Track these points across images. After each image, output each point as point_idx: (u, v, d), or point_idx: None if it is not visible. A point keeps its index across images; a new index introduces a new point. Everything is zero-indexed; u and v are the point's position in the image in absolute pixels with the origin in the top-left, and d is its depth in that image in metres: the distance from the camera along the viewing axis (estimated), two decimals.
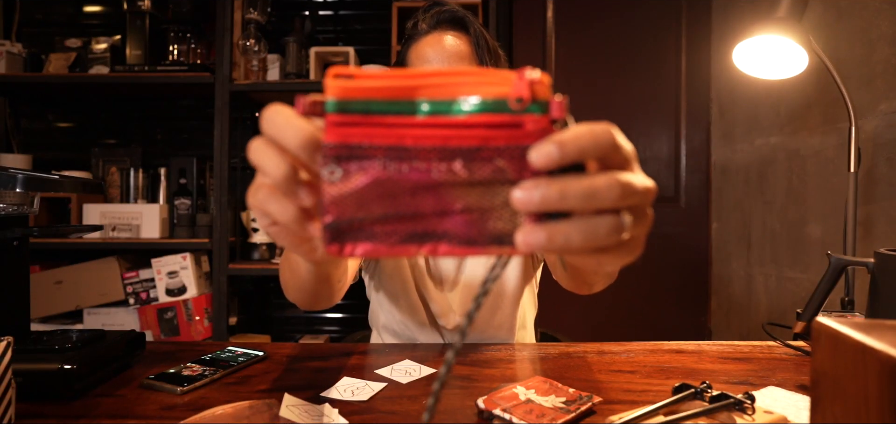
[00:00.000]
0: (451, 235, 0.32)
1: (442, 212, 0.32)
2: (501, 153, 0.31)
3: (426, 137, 0.31)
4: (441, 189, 0.31)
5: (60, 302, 1.98)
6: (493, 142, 0.31)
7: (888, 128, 1.39)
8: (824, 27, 1.59)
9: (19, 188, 0.66)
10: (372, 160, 0.31)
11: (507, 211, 0.31)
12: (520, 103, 0.30)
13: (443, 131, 0.31)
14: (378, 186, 0.31)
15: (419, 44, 0.93)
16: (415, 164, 0.31)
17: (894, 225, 1.38)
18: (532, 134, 0.30)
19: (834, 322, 0.37)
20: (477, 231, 0.32)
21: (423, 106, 0.31)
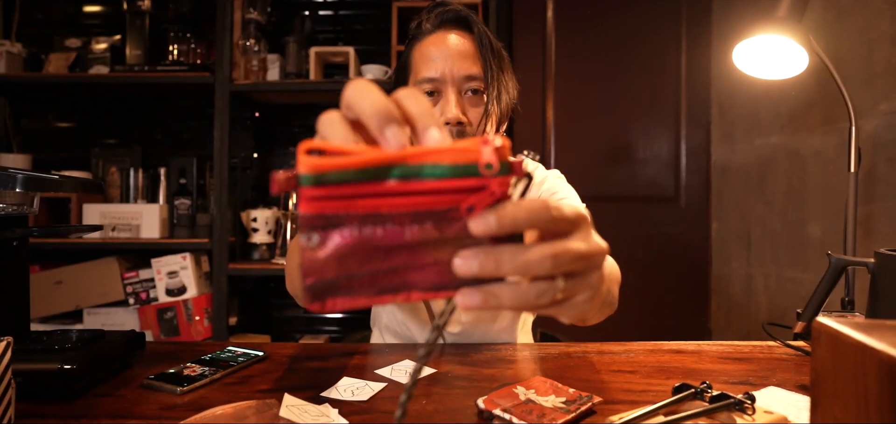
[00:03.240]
0: (423, 284, 0.35)
1: (414, 265, 0.34)
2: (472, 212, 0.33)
3: (399, 205, 0.33)
4: (413, 247, 0.34)
5: (60, 302, 1.98)
6: (465, 203, 0.33)
7: (888, 128, 1.39)
8: (824, 27, 1.59)
9: (19, 188, 0.66)
10: (348, 227, 0.33)
11: None
12: (489, 169, 0.33)
13: (415, 198, 0.33)
14: (354, 248, 0.33)
15: (423, 43, 0.93)
16: (388, 228, 0.33)
17: (894, 225, 1.38)
18: (497, 193, 0.33)
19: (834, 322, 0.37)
20: (447, 278, 0.34)
21: (395, 171, 0.33)
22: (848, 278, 1.18)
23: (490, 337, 1.02)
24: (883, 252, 0.73)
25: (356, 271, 0.34)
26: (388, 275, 0.34)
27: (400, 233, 0.34)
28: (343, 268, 0.34)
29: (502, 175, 0.33)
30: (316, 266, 0.33)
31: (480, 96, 0.91)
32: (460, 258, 0.33)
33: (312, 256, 0.33)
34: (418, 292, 0.35)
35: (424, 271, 0.34)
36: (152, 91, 2.19)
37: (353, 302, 0.34)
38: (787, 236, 1.79)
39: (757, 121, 1.97)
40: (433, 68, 0.89)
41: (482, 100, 0.91)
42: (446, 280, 0.34)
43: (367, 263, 0.34)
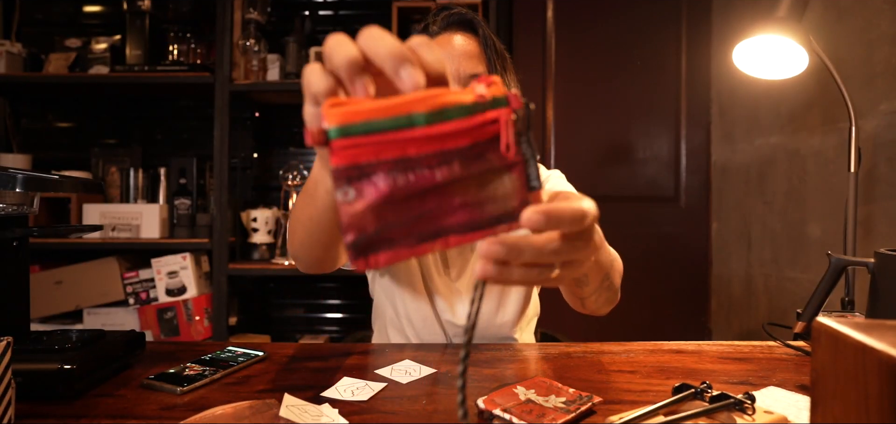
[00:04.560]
0: (458, 226, 0.36)
1: (445, 208, 0.35)
2: (487, 146, 0.36)
3: (426, 146, 0.34)
4: (443, 188, 0.35)
5: (60, 302, 1.98)
6: (481, 138, 0.36)
7: (888, 128, 1.39)
8: (824, 27, 1.59)
9: (19, 188, 0.66)
10: (381, 175, 0.34)
11: (500, 195, 0.37)
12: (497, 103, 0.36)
13: (440, 138, 0.35)
14: (390, 197, 0.34)
15: None
16: (419, 172, 0.34)
17: (894, 225, 1.38)
18: (508, 122, 0.36)
19: (834, 322, 0.37)
20: (478, 216, 0.36)
21: (418, 118, 0.34)
22: (848, 278, 1.18)
23: (492, 330, 1.04)
24: (883, 252, 0.73)
25: (394, 220, 0.34)
26: (423, 222, 0.35)
27: (431, 176, 0.34)
28: (382, 219, 0.34)
29: (503, 106, 0.36)
30: (356, 220, 0.34)
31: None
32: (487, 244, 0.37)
33: (351, 210, 0.34)
34: (455, 236, 0.36)
35: (456, 213, 0.36)
36: (152, 91, 2.19)
37: (396, 255, 0.35)
38: (787, 236, 1.79)
39: (757, 121, 1.97)
40: None
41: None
42: (477, 219, 0.36)
43: (403, 211, 0.34)
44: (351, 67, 0.35)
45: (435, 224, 0.35)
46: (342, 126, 0.33)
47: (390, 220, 0.34)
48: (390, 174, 0.34)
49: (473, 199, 0.36)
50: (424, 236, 0.35)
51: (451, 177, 0.35)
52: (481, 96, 0.35)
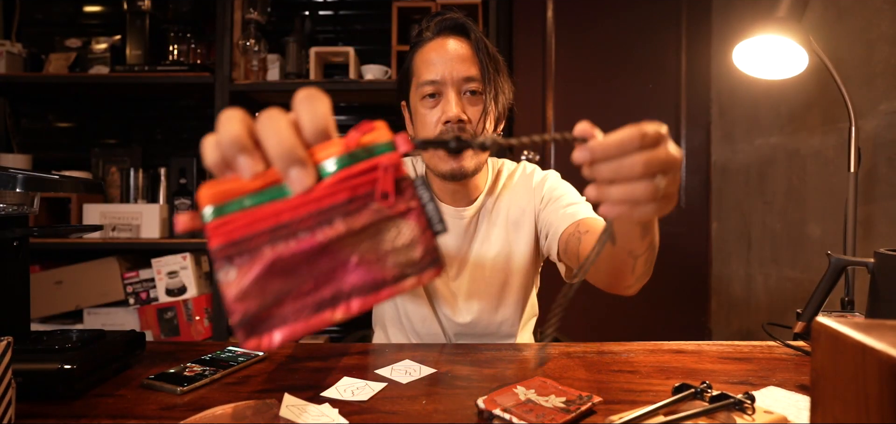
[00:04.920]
0: (358, 288, 0.34)
1: (340, 270, 0.33)
2: (372, 196, 0.34)
3: (301, 207, 0.33)
4: (331, 249, 0.33)
5: (60, 302, 1.98)
6: (361, 190, 0.34)
7: (888, 128, 1.39)
8: (824, 27, 1.59)
9: (19, 188, 0.66)
10: (259, 248, 0.32)
11: (400, 246, 0.34)
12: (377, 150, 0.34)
13: (314, 198, 0.33)
14: (272, 268, 0.32)
15: (424, 49, 0.98)
16: (299, 236, 0.33)
17: (894, 225, 1.38)
18: (388, 168, 0.34)
19: (834, 322, 0.37)
20: (380, 274, 0.34)
21: (282, 191, 0.33)
22: (848, 278, 1.18)
23: (492, 329, 1.04)
24: (883, 252, 0.73)
25: (282, 293, 0.33)
26: (316, 290, 0.33)
27: (312, 239, 0.33)
28: (267, 293, 0.32)
29: (387, 151, 0.34)
30: (239, 299, 0.32)
31: (479, 97, 0.97)
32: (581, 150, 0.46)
33: (233, 290, 0.32)
34: (357, 298, 0.34)
35: (353, 273, 0.34)
36: (152, 91, 2.19)
37: (291, 330, 0.33)
38: (787, 236, 1.79)
39: (757, 121, 1.97)
40: (434, 72, 0.95)
41: (480, 100, 0.97)
42: (379, 275, 0.34)
43: (289, 281, 0.33)
44: (233, 146, 0.33)
45: (330, 289, 0.33)
46: (216, 206, 0.32)
47: (277, 293, 0.33)
48: (268, 245, 0.32)
49: (371, 256, 0.34)
50: (321, 304, 0.33)
51: (336, 235, 0.33)
52: (355, 144, 0.34)
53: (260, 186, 0.33)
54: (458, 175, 0.96)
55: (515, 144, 0.42)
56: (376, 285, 0.34)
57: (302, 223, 0.33)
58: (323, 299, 0.33)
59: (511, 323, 1.06)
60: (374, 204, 0.34)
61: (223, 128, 0.34)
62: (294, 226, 0.33)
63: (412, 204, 0.35)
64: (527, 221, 1.04)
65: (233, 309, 0.32)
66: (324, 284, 0.33)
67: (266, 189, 0.33)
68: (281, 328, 0.33)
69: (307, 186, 0.33)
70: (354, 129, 0.34)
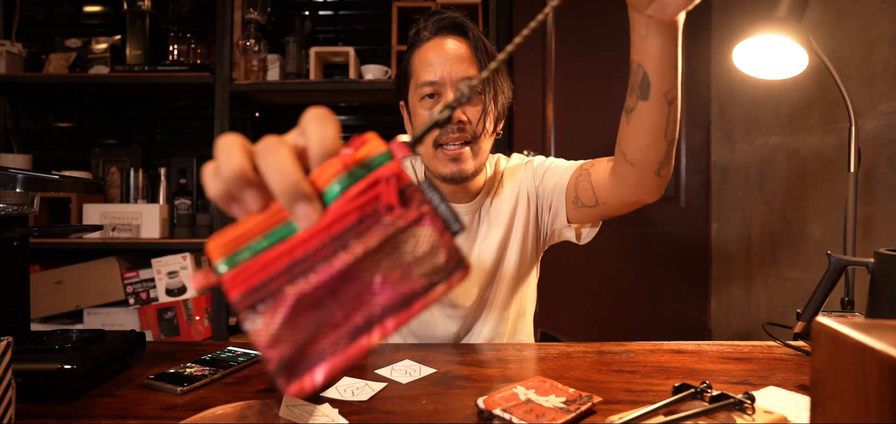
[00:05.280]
0: (389, 307, 0.32)
1: (366, 293, 0.32)
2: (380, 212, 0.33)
3: (313, 239, 0.32)
4: (353, 274, 0.32)
5: (60, 302, 1.98)
6: (369, 208, 0.33)
7: (888, 128, 1.39)
8: (824, 27, 1.59)
9: (19, 188, 0.66)
10: (279, 289, 0.32)
11: (422, 255, 0.33)
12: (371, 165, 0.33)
13: (323, 226, 0.32)
14: (298, 307, 0.32)
15: (422, 49, 0.98)
16: (317, 269, 0.32)
17: (894, 225, 1.38)
18: (389, 179, 0.33)
19: (834, 322, 0.37)
20: (408, 288, 0.32)
21: (289, 227, 0.32)
22: (848, 278, 1.18)
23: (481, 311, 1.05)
24: (883, 252, 0.73)
25: (313, 329, 0.32)
26: (349, 318, 0.32)
27: (331, 268, 0.32)
28: (298, 333, 0.31)
29: (384, 162, 0.33)
30: (272, 345, 0.31)
31: (478, 97, 0.96)
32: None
33: (263, 338, 0.31)
34: (391, 318, 0.32)
35: (380, 294, 0.32)
36: (152, 91, 2.19)
37: (331, 365, 0.31)
38: (787, 236, 1.79)
39: (757, 121, 1.97)
40: (433, 72, 0.95)
41: (480, 100, 0.96)
42: (407, 289, 0.32)
43: (318, 316, 0.32)
44: (237, 181, 0.33)
45: (361, 314, 0.32)
46: (227, 257, 0.32)
47: (309, 331, 0.32)
48: (288, 284, 0.32)
49: (395, 272, 0.33)
50: (356, 332, 0.32)
51: (354, 259, 0.32)
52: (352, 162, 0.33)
53: (268, 226, 0.32)
54: (458, 178, 0.96)
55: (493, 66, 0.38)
56: (407, 300, 0.32)
57: (317, 254, 0.32)
58: (356, 326, 0.32)
59: (512, 320, 1.05)
60: (384, 219, 0.33)
61: (224, 160, 0.33)
62: (310, 260, 0.32)
63: (423, 209, 0.33)
64: (521, 206, 1.05)
65: (267, 356, 0.31)
66: (354, 311, 0.32)
67: (275, 228, 0.32)
68: (320, 365, 0.31)
69: (314, 221, 0.32)
70: (346, 146, 0.33)
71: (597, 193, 0.92)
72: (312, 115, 0.34)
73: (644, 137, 0.78)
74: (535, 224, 1.05)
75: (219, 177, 0.33)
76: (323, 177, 0.33)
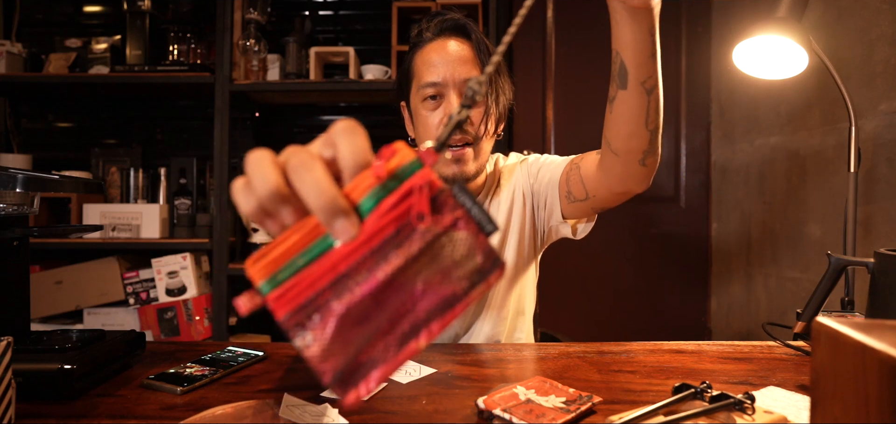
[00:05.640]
0: (433, 310, 0.33)
1: (410, 300, 0.33)
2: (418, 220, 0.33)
3: (354, 253, 0.33)
4: (395, 284, 0.33)
5: (60, 302, 1.98)
6: (405, 218, 0.33)
7: (888, 128, 1.39)
8: (824, 27, 1.59)
9: (19, 188, 0.66)
10: (326, 304, 0.32)
11: (459, 258, 0.33)
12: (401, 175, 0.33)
13: (363, 240, 0.33)
14: (345, 320, 0.32)
15: (424, 50, 0.98)
16: (361, 281, 0.33)
17: (894, 225, 1.38)
18: (423, 187, 0.33)
19: (834, 322, 0.37)
20: (449, 292, 0.33)
21: (326, 240, 0.33)
22: (848, 278, 1.18)
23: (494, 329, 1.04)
24: (883, 252, 0.73)
25: (362, 340, 0.33)
26: (396, 325, 0.33)
27: (374, 280, 0.33)
28: (349, 344, 0.32)
29: (416, 170, 0.33)
30: (325, 359, 0.32)
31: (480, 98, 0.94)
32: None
33: (315, 353, 0.32)
34: (436, 322, 0.33)
35: (423, 300, 0.33)
36: (152, 91, 2.19)
37: (383, 371, 0.32)
38: (787, 236, 1.79)
39: (757, 121, 1.97)
40: (435, 73, 0.95)
41: (482, 101, 0.96)
42: (448, 293, 0.33)
43: (367, 326, 0.33)
44: (273, 198, 0.33)
45: (407, 321, 0.33)
46: (269, 278, 0.32)
47: (359, 341, 0.32)
48: (334, 300, 0.32)
49: (436, 277, 0.33)
50: (403, 338, 0.33)
51: (395, 269, 0.33)
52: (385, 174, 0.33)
53: (306, 243, 0.33)
54: (459, 179, 0.96)
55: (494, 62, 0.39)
56: (449, 303, 0.33)
57: (359, 268, 0.33)
58: (403, 333, 0.33)
59: (510, 318, 1.05)
60: (422, 224, 0.33)
61: (257, 176, 0.33)
62: (353, 274, 0.33)
63: (457, 213, 0.34)
64: (517, 204, 1.05)
65: (322, 370, 0.32)
66: (399, 319, 0.33)
67: (312, 244, 0.33)
68: (373, 372, 0.32)
69: (353, 235, 0.33)
70: (377, 158, 0.33)
71: (586, 186, 0.93)
72: (343, 128, 0.34)
73: (625, 126, 0.78)
74: (531, 222, 1.05)
75: (252, 193, 0.33)
76: (357, 190, 0.33)
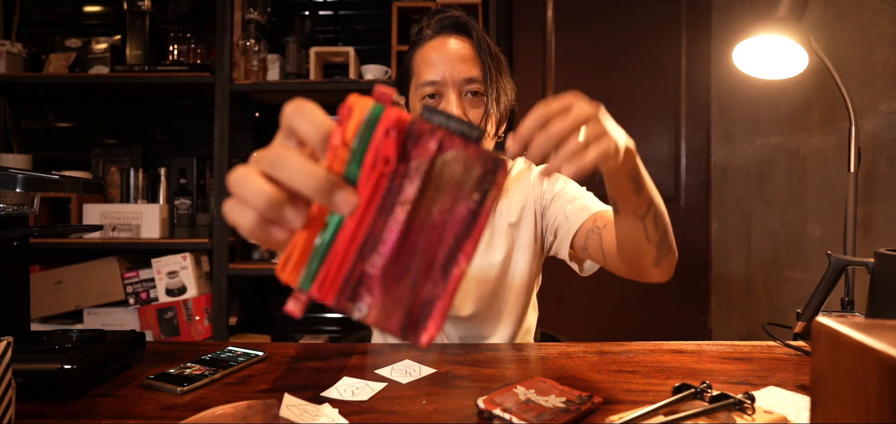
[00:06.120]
0: (460, 233, 0.35)
1: (435, 233, 0.35)
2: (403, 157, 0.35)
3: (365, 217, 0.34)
4: (414, 225, 0.35)
5: (60, 302, 1.98)
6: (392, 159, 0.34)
7: (888, 128, 1.39)
8: (824, 27, 1.59)
9: (19, 188, 0.66)
10: (363, 272, 0.34)
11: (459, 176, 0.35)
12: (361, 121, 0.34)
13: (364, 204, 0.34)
14: (387, 278, 0.34)
15: (424, 48, 0.96)
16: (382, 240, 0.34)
17: (894, 225, 1.38)
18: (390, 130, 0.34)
19: (834, 322, 0.37)
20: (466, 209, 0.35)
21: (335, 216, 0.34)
22: (848, 278, 1.18)
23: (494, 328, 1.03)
24: (883, 252, 0.73)
25: (410, 288, 0.34)
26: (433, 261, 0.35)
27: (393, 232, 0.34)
28: (401, 296, 0.34)
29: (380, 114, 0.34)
30: (386, 317, 0.34)
31: (480, 98, 0.94)
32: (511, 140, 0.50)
33: (376, 317, 0.34)
34: (466, 242, 0.35)
35: (447, 227, 0.35)
36: (152, 91, 2.19)
37: (442, 306, 0.34)
38: (787, 236, 1.79)
39: (757, 121, 1.97)
40: (434, 72, 0.93)
41: (482, 101, 0.94)
42: (466, 210, 0.35)
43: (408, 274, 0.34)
44: (273, 207, 0.34)
45: (442, 253, 0.35)
46: (303, 276, 0.34)
47: (407, 290, 0.34)
48: (367, 265, 0.34)
49: (447, 203, 0.35)
50: (445, 269, 0.35)
51: (408, 212, 0.34)
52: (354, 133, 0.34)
53: (318, 229, 0.34)
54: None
55: None
56: (471, 220, 0.35)
57: (375, 229, 0.34)
58: (442, 265, 0.35)
59: (514, 329, 1.04)
60: (413, 159, 0.34)
61: (247, 190, 0.34)
62: (372, 237, 0.34)
63: (439, 135, 0.35)
64: (527, 219, 1.02)
65: (389, 328, 0.34)
66: (433, 254, 0.35)
67: (324, 227, 0.34)
68: (434, 310, 0.34)
69: (355, 203, 0.34)
70: (338, 123, 0.34)
71: (606, 259, 0.88)
72: (292, 111, 0.34)
73: (628, 243, 0.77)
74: (540, 240, 1.03)
75: (249, 208, 0.34)
76: (336, 162, 0.34)
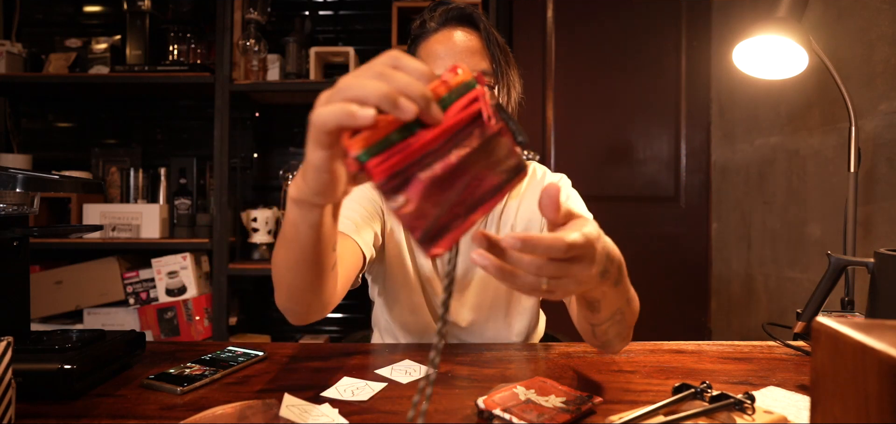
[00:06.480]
0: (488, 192, 0.42)
1: (473, 181, 0.42)
2: (475, 124, 0.42)
3: (439, 137, 0.41)
4: (462, 167, 0.41)
5: (60, 302, 1.98)
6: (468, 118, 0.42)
7: (888, 128, 1.39)
8: (824, 27, 1.59)
9: (19, 188, 0.66)
10: (415, 175, 0.40)
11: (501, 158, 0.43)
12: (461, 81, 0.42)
13: (444, 128, 0.41)
14: (431, 188, 0.40)
15: (429, 41, 0.92)
16: (439, 158, 0.41)
17: (894, 225, 1.38)
18: (483, 97, 0.43)
19: (834, 322, 0.37)
20: (496, 180, 0.43)
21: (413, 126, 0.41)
22: (848, 278, 1.18)
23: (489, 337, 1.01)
24: (883, 252, 0.73)
25: (442, 206, 0.40)
26: (463, 199, 0.41)
27: (448, 161, 0.41)
28: (434, 207, 0.40)
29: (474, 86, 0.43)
30: (416, 217, 0.40)
31: (490, 91, 0.91)
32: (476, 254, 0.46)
33: (408, 211, 0.39)
34: (489, 200, 0.42)
35: (482, 182, 0.42)
36: (152, 91, 2.19)
37: (462, 228, 0.41)
38: (787, 236, 1.79)
39: (757, 121, 1.97)
40: (441, 66, 0.88)
41: (492, 95, 0.90)
42: (495, 182, 0.43)
43: (446, 195, 0.40)
44: (385, 100, 0.40)
45: (472, 196, 0.41)
46: (366, 149, 0.39)
47: (440, 206, 0.40)
48: (421, 171, 0.40)
49: (486, 168, 0.42)
50: (471, 208, 0.41)
51: (463, 154, 0.41)
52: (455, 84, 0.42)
53: (397, 125, 0.40)
54: None
55: None
56: (495, 189, 0.43)
57: (441, 149, 0.41)
58: (470, 204, 0.42)
59: (518, 335, 1.01)
60: (478, 128, 0.42)
61: (367, 88, 0.40)
62: (435, 153, 0.40)
63: (501, 124, 0.43)
64: (535, 229, 0.99)
65: (414, 226, 0.40)
66: (466, 193, 0.41)
67: (402, 126, 0.40)
68: (449, 233, 0.41)
69: (440, 120, 0.41)
70: (446, 73, 0.42)
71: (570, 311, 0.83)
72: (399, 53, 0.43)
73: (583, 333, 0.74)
74: None
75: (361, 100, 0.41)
76: (436, 91, 0.41)
